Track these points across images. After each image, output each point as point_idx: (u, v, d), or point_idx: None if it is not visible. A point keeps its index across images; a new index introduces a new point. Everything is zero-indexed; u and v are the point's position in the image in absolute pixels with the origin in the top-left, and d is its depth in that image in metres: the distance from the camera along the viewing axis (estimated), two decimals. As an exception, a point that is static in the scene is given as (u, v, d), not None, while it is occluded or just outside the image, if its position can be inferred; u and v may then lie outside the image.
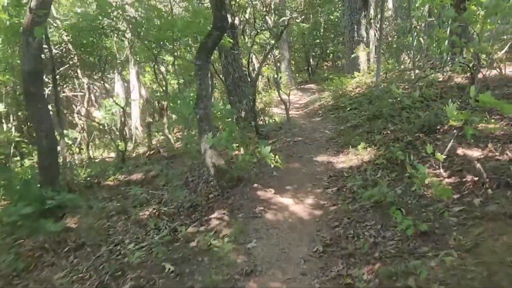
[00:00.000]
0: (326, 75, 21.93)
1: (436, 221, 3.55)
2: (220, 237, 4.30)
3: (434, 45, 12.72)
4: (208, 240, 4.20)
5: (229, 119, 6.38)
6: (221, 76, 11.37)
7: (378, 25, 12.60)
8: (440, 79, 8.82)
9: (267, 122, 10.24)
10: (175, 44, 8.46)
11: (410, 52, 16.79)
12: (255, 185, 5.55)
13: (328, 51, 23.96)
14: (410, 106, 7.05)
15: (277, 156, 5.03)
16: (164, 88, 12.03)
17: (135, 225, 5.69)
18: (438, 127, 5.79)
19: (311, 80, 22.53)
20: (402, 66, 12.87)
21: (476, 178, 3.99)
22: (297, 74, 24.23)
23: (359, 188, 5.03)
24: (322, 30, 23.05)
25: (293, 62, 24.13)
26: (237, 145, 8.42)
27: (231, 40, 8.02)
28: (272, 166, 5.15)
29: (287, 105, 9.51)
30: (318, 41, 23.32)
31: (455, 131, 4.33)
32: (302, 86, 20.50)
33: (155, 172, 9.16)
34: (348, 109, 10.00)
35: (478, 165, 3.96)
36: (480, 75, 7.67)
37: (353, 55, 13.43)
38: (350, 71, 13.77)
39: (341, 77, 13.68)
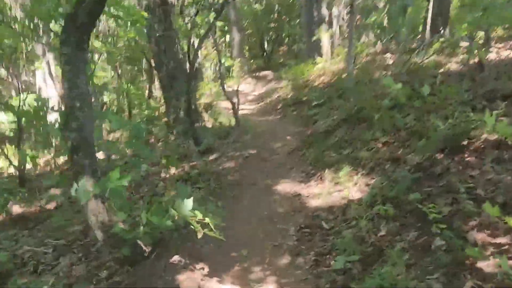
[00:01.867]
0: (282, 61, 19.82)
1: None
2: None
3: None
4: None
5: (139, 140, 3.99)
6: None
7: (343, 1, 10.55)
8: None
9: (212, 125, 7.94)
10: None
11: (374, 32, 14.85)
12: (176, 257, 3.24)
13: (283, 35, 21.73)
14: (405, 104, 4.96)
15: (208, 219, 2.74)
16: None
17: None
18: (465, 142, 3.71)
19: (267, 66, 20.33)
20: (371, 49, 10.88)
21: None
22: (251, 61, 21.93)
23: (355, 264, 2.87)
24: (276, 12, 20.79)
25: (247, 48, 21.79)
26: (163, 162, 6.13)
27: (145, 14, 5.55)
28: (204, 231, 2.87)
29: (235, 104, 7.20)
30: (272, 25, 21.04)
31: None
32: (257, 74, 18.24)
33: (59, 202, 6.70)
34: (313, 104, 7.87)
35: None
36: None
37: (314, 38, 11.25)
38: (311, 56, 11.63)
39: (301, 64, 11.52)
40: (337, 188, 4.19)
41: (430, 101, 4.54)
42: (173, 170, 5.81)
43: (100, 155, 7.95)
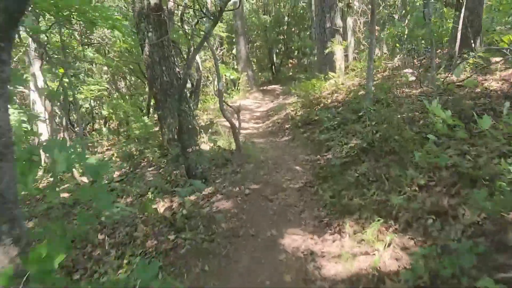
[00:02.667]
0: (291, 74, 18.95)
1: None
2: None
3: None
4: None
5: (99, 177, 3.01)
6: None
7: (360, 10, 9.59)
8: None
9: (210, 148, 6.94)
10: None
11: (391, 45, 13.90)
12: None
13: (293, 47, 20.80)
14: (449, 136, 3.93)
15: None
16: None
17: None
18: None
19: (275, 80, 19.48)
20: (388, 63, 9.88)
21: None
22: (259, 73, 21.05)
23: None
24: (285, 23, 19.91)
25: (255, 60, 20.93)
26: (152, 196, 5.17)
27: (120, 18, 4.61)
28: None
29: (235, 127, 6.21)
30: (281, 37, 20.14)
31: None
32: (264, 87, 17.35)
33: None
34: (326, 125, 6.85)
35: None
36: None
37: (327, 50, 10.28)
38: (322, 69, 10.66)
39: (311, 78, 10.54)
40: (362, 249, 3.17)
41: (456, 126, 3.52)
42: (159, 206, 4.85)
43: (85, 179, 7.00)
